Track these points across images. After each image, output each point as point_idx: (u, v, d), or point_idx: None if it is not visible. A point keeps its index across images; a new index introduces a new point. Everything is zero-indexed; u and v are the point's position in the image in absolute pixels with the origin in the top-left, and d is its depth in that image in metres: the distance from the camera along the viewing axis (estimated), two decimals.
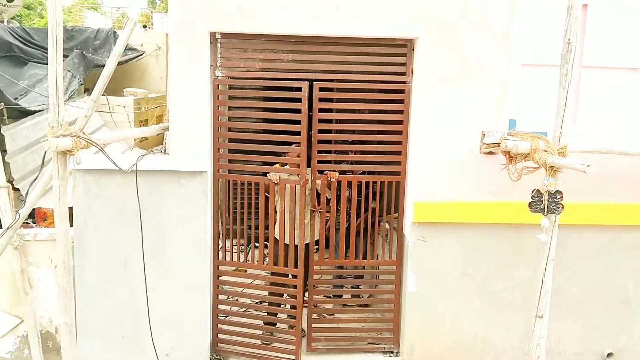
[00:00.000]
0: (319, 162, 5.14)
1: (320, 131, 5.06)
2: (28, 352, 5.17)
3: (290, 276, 5.32)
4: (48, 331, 5.21)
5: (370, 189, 5.19)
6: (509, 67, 4.88)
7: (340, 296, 6.39)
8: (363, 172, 5.27)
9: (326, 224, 5.31)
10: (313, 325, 5.33)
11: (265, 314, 5.46)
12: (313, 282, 5.33)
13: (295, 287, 5.24)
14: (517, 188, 4.26)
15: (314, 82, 4.95)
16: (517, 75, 4.93)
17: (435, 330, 5.21)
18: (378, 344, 5.43)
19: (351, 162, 5.29)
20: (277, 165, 5.26)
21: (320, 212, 5.26)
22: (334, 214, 5.31)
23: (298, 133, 4.96)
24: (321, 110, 5.03)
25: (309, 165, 5.14)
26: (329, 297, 6.47)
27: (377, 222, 5.38)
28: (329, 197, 5.24)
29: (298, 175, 5.11)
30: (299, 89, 4.89)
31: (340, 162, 5.32)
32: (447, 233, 5.06)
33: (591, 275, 5.24)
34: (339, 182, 5.17)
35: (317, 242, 5.45)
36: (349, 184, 5.17)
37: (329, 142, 5.29)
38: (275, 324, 5.48)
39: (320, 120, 5.05)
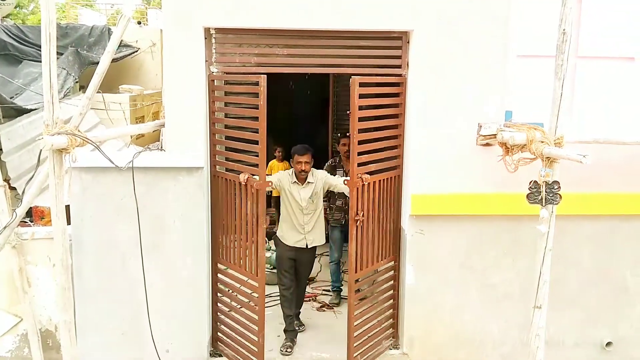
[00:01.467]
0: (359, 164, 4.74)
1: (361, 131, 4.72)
2: (28, 350, 5.16)
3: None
4: (47, 329, 5.21)
5: (371, 183, 5.09)
6: (504, 59, 4.87)
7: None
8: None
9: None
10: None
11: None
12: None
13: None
14: (514, 179, 4.26)
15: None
16: (513, 66, 4.92)
17: (435, 322, 5.22)
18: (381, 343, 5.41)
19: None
20: (274, 161, 5.26)
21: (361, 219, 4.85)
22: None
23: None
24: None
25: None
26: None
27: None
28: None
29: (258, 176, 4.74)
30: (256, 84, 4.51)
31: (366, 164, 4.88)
32: (445, 225, 5.07)
33: (589, 265, 5.26)
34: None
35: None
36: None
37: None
38: (293, 316, 5.55)
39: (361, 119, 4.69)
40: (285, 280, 5.46)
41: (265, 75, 4.53)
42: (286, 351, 5.28)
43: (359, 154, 4.73)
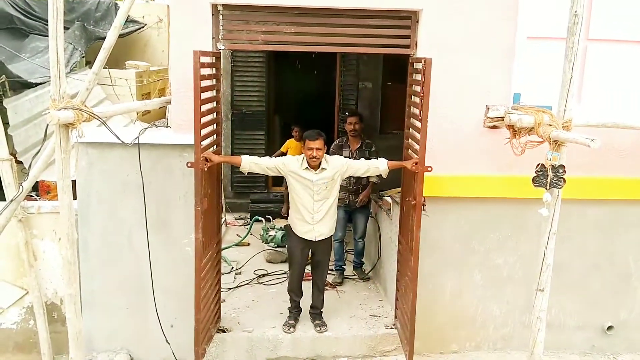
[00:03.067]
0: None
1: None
2: (33, 323, 5.23)
3: None
4: (53, 302, 5.27)
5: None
6: (514, 40, 4.83)
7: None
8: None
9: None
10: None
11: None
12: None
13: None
14: (521, 162, 4.24)
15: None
16: (523, 48, 4.87)
17: (437, 303, 5.25)
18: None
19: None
20: (292, 140, 5.19)
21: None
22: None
23: None
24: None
25: None
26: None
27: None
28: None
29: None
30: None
31: None
32: (449, 207, 5.06)
33: (593, 249, 5.26)
34: None
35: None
36: None
37: None
38: (297, 293, 5.41)
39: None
40: (294, 270, 5.34)
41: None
42: (288, 330, 5.26)
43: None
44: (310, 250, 5.25)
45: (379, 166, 4.91)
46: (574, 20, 3.68)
